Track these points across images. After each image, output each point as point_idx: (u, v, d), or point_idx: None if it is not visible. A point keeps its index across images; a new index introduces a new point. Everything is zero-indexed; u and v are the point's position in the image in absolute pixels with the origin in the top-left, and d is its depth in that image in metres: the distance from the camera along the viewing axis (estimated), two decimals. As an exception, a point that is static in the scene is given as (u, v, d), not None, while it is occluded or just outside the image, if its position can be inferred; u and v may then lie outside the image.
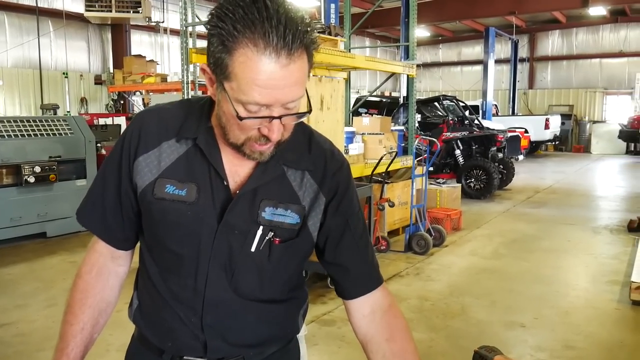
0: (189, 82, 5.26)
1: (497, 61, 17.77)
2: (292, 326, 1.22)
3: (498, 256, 5.72)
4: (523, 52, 20.14)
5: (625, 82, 18.85)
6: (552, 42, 20.33)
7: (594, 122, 18.87)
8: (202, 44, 11.25)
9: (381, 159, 5.59)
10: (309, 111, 1.04)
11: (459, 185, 8.16)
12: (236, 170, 1.09)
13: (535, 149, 17.13)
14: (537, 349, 3.52)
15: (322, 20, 7.43)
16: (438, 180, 7.87)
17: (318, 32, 5.21)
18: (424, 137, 6.46)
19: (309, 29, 0.95)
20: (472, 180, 9.27)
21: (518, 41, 18.93)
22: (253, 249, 1.09)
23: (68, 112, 11.68)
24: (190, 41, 5.26)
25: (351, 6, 8.20)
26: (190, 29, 5.33)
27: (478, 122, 10.74)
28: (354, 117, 7.71)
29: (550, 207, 8.50)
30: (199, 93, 6.74)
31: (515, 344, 3.59)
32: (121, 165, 1.12)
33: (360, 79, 20.78)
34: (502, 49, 19.76)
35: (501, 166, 9.93)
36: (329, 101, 5.25)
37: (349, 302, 1.19)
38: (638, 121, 15.59)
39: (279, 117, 0.97)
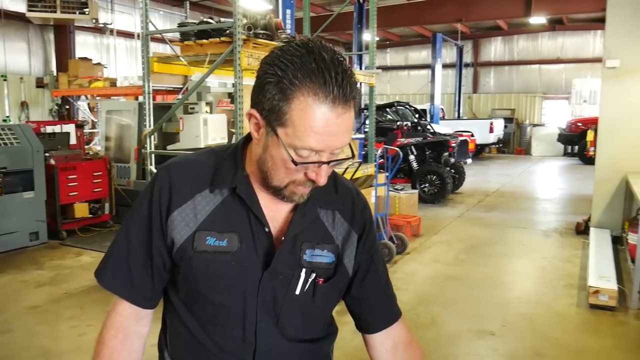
0: (151, 91, 5.10)
1: (443, 66, 18.24)
2: None
3: (459, 262, 5.86)
4: (467, 57, 20.78)
5: (562, 87, 19.77)
6: (495, 48, 21.07)
7: (534, 125, 19.69)
8: (156, 48, 10.88)
9: (346, 169, 5.61)
10: (353, 156, 1.12)
11: (416, 191, 8.31)
12: (274, 215, 1.12)
13: (480, 152, 17.70)
14: (509, 358, 3.63)
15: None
16: (396, 187, 7.97)
17: (283, 42, 5.16)
18: (388, 147, 6.50)
19: (357, 81, 1.01)
20: (427, 185, 9.46)
21: (463, 47, 19.52)
22: (298, 291, 1.12)
23: (7, 117, 11.08)
24: (150, 50, 5.10)
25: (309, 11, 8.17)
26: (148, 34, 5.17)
27: (430, 128, 10.98)
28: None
29: (501, 210, 8.79)
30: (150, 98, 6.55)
31: (487, 354, 3.68)
32: (151, 222, 1.10)
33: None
34: (448, 54, 20.31)
35: (453, 171, 10.18)
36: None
37: (372, 336, 1.24)
38: (576, 125, 16.37)
39: (328, 163, 1.01)
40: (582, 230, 7.05)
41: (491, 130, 16.58)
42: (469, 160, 13.06)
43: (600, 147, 6.75)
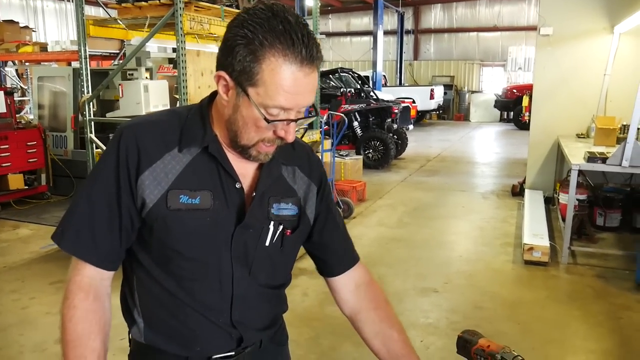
0: (87, 56, 4.88)
1: (385, 33, 18.32)
2: (286, 304, 1.35)
3: (403, 225, 6.05)
4: (408, 24, 20.95)
5: (499, 55, 20.34)
6: (435, 16, 21.34)
7: (472, 92, 20.24)
8: (89, 12, 10.31)
9: (292, 135, 5.60)
10: (317, 114, 1.23)
11: (361, 157, 8.43)
12: (242, 173, 1.16)
13: (421, 118, 18.05)
14: (451, 312, 3.82)
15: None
16: (341, 153, 8.06)
17: (226, 5, 5.05)
18: (332, 113, 6.54)
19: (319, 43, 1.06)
20: (371, 151, 9.61)
21: (404, 13, 19.64)
22: (267, 243, 1.19)
23: None
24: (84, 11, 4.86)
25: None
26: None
27: (373, 95, 11.08)
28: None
29: (442, 175, 9.08)
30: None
31: (431, 309, 3.86)
32: (119, 183, 1.09)
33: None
34: (389, 20, 20.39)
35: (395, 137, 10.37)
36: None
37: (335, 279, 1.34)
38: (511, 92, 16.96)
39: (296, 120, 1.07)
40: (517, 192, 7.40)
41: (432, 97, 16.92)
42: (411, 127, 13.30)
43: (534, 112, 7.05)
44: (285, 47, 0.99)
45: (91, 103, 5.20)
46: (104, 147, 1.23)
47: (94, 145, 5.08)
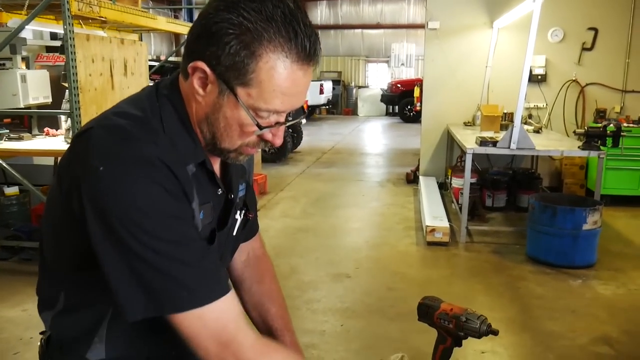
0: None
1: (273, 28, 18.28)
2: None
3: (308, 215, 6.06)
4: (295, 20, 21.07)
5: (382, 51, 21.17)
6: (321, 12, 21.70)
7: (359, 87, 20.88)
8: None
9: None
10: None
11: (259, 150, 8.32)
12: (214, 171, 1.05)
13: (311, 113, 18.29)
14: (366, 295, 3.88)
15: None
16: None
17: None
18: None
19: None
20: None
21: (291, 9, 19.70)
22: (235, 232, 1.14)
23: None
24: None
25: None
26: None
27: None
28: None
29: (338, 166, 9.25)
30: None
31: (346, 294, 3.89)
32: (186, 215, 0.93)
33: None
34: (276, 16, 20.36)
35: (291, 130, 10.38)
36: (133, 66, 4.84)
37: None
38: (396, 86, 17.72)
39: (286, 123, 0.96)
40: (411, 179, 7.74)
41: (321, 92, 17.18)
42: (304, 120, 13.46)
43: (425, 102, 7.40)
44: (286, 40, 0.84)
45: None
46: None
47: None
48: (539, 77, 6.88)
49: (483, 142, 4.99)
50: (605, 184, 6.12)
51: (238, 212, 1.13)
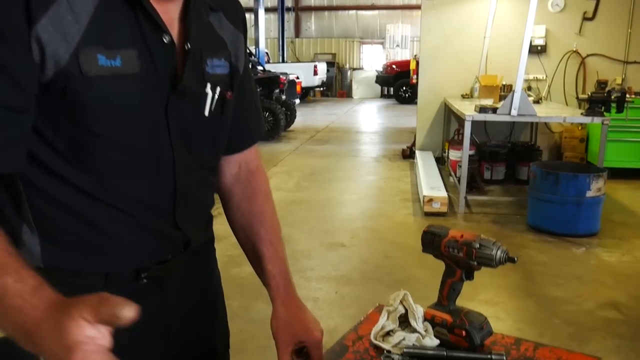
0: None
1: (266, 10, 17.96)
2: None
3: (301, 189, 5.89)
4: (289, 1, 20.75)
5: (377, 33, 20.87)
6: (315, -7, 21.36)
7: (354, 69, 20.60)
8: None
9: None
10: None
11: (251, 126, 8.14)
12: (166, 20, 0.82)
13: (305, 95, 18.03)
14: (362, 263, 3.73)
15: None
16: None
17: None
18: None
19: None
20: (260, 122, 9.33)
21: (284, -10, 19.41)
22: (207, 112, 0.90)
23: None
24: None
25: None
26: None
27: (261, 66, 10.79)
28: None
29: (333, 143, 9.06)
30: None
31: (342, 262, 3.73)
32: (9, 42, 0.69)
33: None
34: (269, -3, 20.05)
35: (284, 108, 10.18)
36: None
37: (224, 157, 1.07)
38: (391, 67, 17.48)
39: None
40: (408, 154, 7.56)
41: (315, 73, 16.94)
42: (297, 101, 13.24)
43: (421, 74, 7.21)
44: None
45: None
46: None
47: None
48: (539, 47, 6.69)
49: (482, 109, 4.81)
50: (606, 157, 5.96)
51: (209, 85, 0.89)
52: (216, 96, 0.90)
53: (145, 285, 0.90)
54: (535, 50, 6.63)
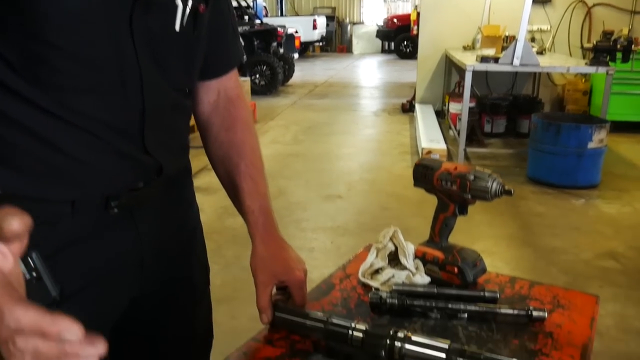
0: None
1: (264, -40, 17.46)
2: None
3: (298, 142, 5.80)
4: (287, -48, 20.14)
5: (378, -15, 20.33)
6: (314, -57, 20.68)
7: (354, 23, 20.15)
8: None
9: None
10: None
11: (248, 78, 7.98)
12: None
13: (304, 50, 17.69)
14: (359, 214, 3.68)
15: None
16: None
17: None
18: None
19: None
20: (257, 76, 9.16)
21: (282, -60, 18.78)
22: (178, 27, 0.81)
23: None
24: None
25: None
26: None
27: (258, 19, 10.53)
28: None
29: (332, 97, 8.92)
30: None
31: (338, 213, 3.69)
32: None
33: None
34: (267, -53, 19.42)
35: (282, 62, 9.98)
36: None
37: (201, 83, 0.99)
38: (392, 21, 17.09)
39: None
40: (407, 108, 7.44)
41: (314, 27, 16.56)
42: (296, 55, 12.99)
43: (422, 25, 7.00)
44: None
45: None
46: None
47: None
48: (544, -4, 6.47)
49: (484, 59, 4.67)
50: (609, 110, 5.84)
51: None
52: (188, 9, 0.81)
53: (116, 215, 0.84)
54: (540, 0, 6.42)
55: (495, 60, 4.59)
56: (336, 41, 20.14)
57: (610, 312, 2.48)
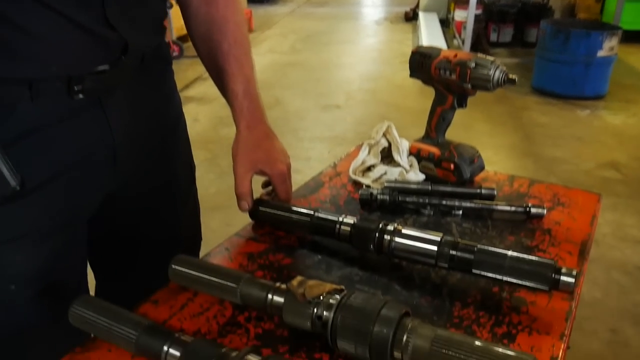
0: None
1: None
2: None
3: (296, 51, 5.60)
4: None
5: None
6: None
7: None
8: None
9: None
10: None
11: (244, -15, 7.61)
12: None
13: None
14: (357, 124, 3.60)
15: None
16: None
17: None
18: None
19: None
20: (254, -18, 8.73)
21: None
22: None
23: None
24: None
25: None
26: None
27: None
28: None
29: (331, 6, 8.54)
30: None
31: (336, 122, 3.61)
32: None
33: None
34: None
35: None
36: None
37: None
38: None
39: None
40: (410, 17, 7.13)
41: None
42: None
43: None
44: None
45: None
46: None
47: None
48: None
49: (493, -41, 4.39)
50: (622, 17, 5.58)
51: None
52: None
53: (82, 101, 0.76)
54: None
55: (506, -39, 4.31)
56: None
57: (609, 220, 2.46)
